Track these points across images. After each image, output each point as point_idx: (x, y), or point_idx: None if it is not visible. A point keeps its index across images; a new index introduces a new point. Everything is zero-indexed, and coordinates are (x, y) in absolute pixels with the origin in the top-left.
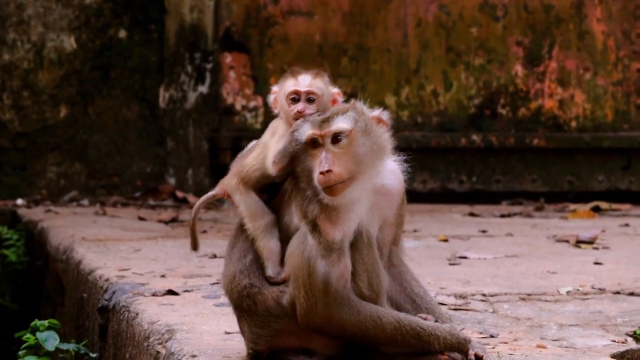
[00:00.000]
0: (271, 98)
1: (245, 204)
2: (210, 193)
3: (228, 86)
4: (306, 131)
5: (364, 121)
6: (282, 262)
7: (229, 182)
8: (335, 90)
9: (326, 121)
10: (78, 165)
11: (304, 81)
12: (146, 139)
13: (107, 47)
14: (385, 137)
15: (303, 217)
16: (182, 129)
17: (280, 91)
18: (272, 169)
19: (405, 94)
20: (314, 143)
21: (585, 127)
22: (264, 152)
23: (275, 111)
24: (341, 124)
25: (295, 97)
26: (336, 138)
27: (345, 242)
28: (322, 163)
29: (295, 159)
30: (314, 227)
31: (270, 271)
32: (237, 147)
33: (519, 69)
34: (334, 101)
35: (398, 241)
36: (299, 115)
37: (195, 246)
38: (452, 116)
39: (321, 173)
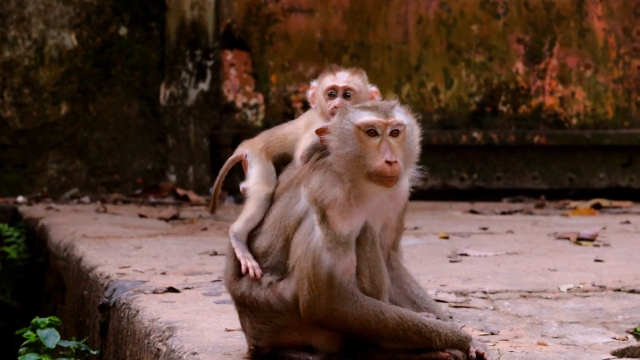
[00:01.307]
0: (309, 93)
1: (260, 167)
2: (231, 157)
3: (229, 83)
4: (365, 117)
5: (411, 119)
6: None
7: (255, 143)
8: (373, 88)
9: (389, 111)
10: (79, 163)
11: (342, 77)
12: (147, 137)
13: (108, 45)
14: (418, 140)
15: (314, 204)
16: (183, 126)
17: (318, 87)
18: (299, 162)
19: (406, 92)
20: (371, 131)
21: (586, 124)
22: (295, 135)
23: (313, 106)
24: (402, 117)
25: (332, 93)
26: (395, 130)
27: (353, 236)
28: (386, 152)
29: (339, 141)
30: (323, 218)
31: (237, 227)
32: (237, 145)
33: (519, 66)
34: (372, 99)
35: (397, 245)
36: (336, 110)
37: (213, 209)
38: (452, 113)
39: (388, 162)
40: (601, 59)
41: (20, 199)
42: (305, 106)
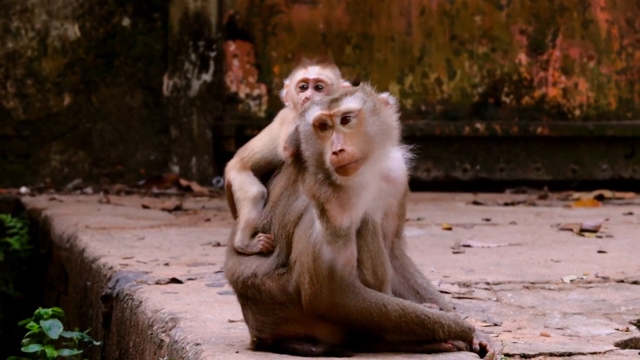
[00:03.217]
0: (283, 92)
1: (239, 179)
2: (226, 185)
3: (232, 74)
4: (314, 113)
5: (372, 101)
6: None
7: (231, 162)
8: (346, 83)
9: (335, 102)
10: (82, 154)
11: (313, 70)
12: (150, 127)
13: (111, 35)
14: (393, 119)
15: (312, 199)
16: (186, 117)
17: (291, 83)
18: (283, 155)
19: (409, 83)
20: (322, 125)
21: (589, 115)
22: (270, 137)
23: (287, 104)
24: (350, 103)
25: (303, 85)
26: (345, 118)
27: (352, 228)
28: (333, 143)
29: (304, 143)
30: (322, 212)
31: (238, 241)
32: (240, 135)
33: (522, 57)
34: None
35: (400, 233)
36: (307, 102)
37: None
38: (455, 104)
39: (334, 153)
40: (604, 50)
41: (23, 189)
42: None
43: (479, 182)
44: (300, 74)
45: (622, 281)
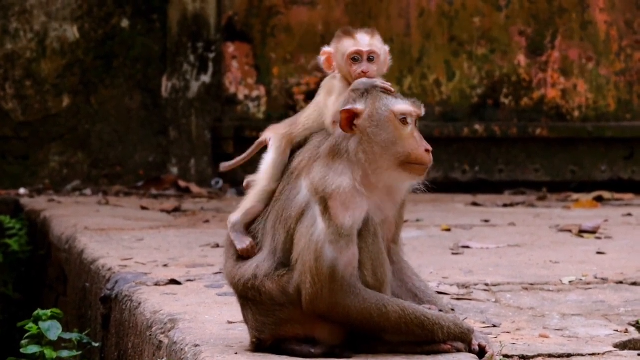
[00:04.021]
0: (321, 59)
1: (274, 157)
2: (258, 141)
3: (231, 76)
4: (400, 104)
5: None
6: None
7: (279, 128)
8: (387, 47)
9: (417, 102)
10: (81, 155)
11: (364, 41)
12: (149, 129)
13: (110, 37)
14: None
15: (315, 194)
16: (185, 118)
17: (337, 52)
18: (331, 128)
19: (408, 84)
20: (404, 119)
21: (588, 116)
22: (317, 112)
23: (329, 72)
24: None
25: (356, 57)
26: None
27: (354, 229)
28: (423, 141)
29: (375, 127)
30: (325, 209)
31: (233, 218)
32: (239, 137)
33: (521, 58)
34: (385, 60)
35: (397, 240)
36: (363, 75)
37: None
38: (454, 106)
39: (427, 151)
40: (603, 52)
41: (22, 191)
42: (307, 98)
43: (478, 184)
44: (350, 45)
45: (621, 282)
